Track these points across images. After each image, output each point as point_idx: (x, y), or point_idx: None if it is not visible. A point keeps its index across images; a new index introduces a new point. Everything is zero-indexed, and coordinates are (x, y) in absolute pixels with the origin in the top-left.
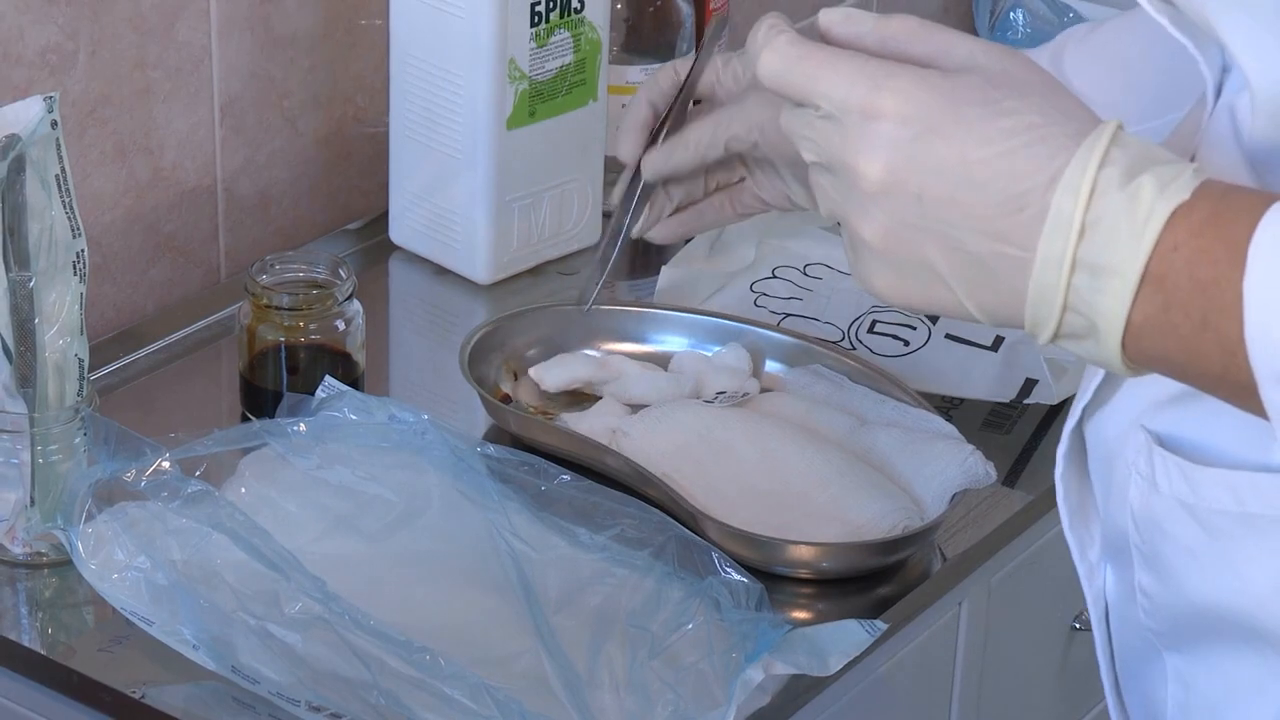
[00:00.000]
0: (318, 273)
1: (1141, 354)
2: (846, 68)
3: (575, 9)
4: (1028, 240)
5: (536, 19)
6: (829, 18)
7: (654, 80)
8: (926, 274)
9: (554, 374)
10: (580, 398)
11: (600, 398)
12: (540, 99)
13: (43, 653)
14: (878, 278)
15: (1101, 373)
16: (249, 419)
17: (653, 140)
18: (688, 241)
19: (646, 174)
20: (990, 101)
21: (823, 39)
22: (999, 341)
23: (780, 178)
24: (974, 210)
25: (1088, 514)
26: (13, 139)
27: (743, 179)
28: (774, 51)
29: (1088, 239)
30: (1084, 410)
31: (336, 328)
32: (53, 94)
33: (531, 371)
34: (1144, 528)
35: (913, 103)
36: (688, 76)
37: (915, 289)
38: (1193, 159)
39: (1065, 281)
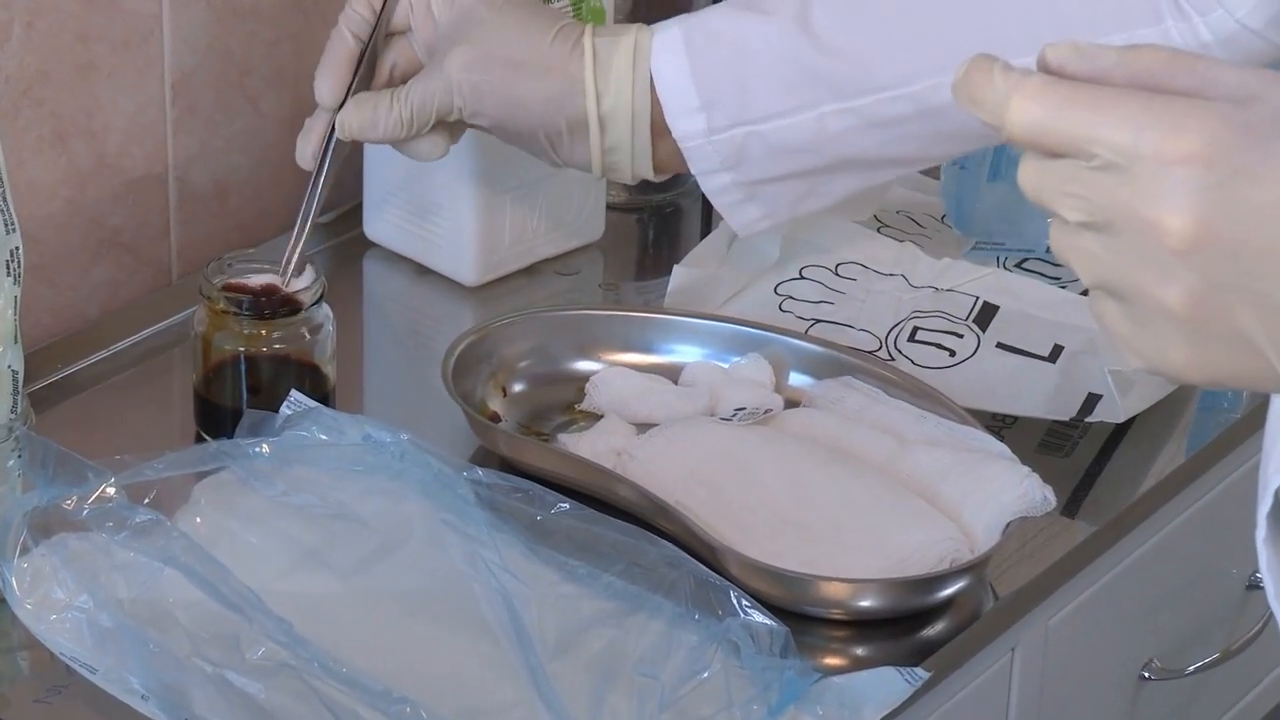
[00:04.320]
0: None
1: None
2: (1130, 107)
3: None
4: None
5: None
6: (1059, 54)
7: (351, 8)
8: (1239, 343)
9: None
10: (579, 415)
11: (601, 415)
12: None
13: None
14: (1176, 351)
15: None
16: (205, 439)
17: (353, 77)
18: (702, 238)
19: (342, 135)
20: None
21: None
22: (1058, 351)
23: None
24: None
25: None
26: None
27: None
28: (1029, 98)
29: None
30: None
31: (303, 336)
32: None
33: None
34: None
35: (1217, 143)
36: (383, 6)
37: (1224, 361)
38: None
39: None
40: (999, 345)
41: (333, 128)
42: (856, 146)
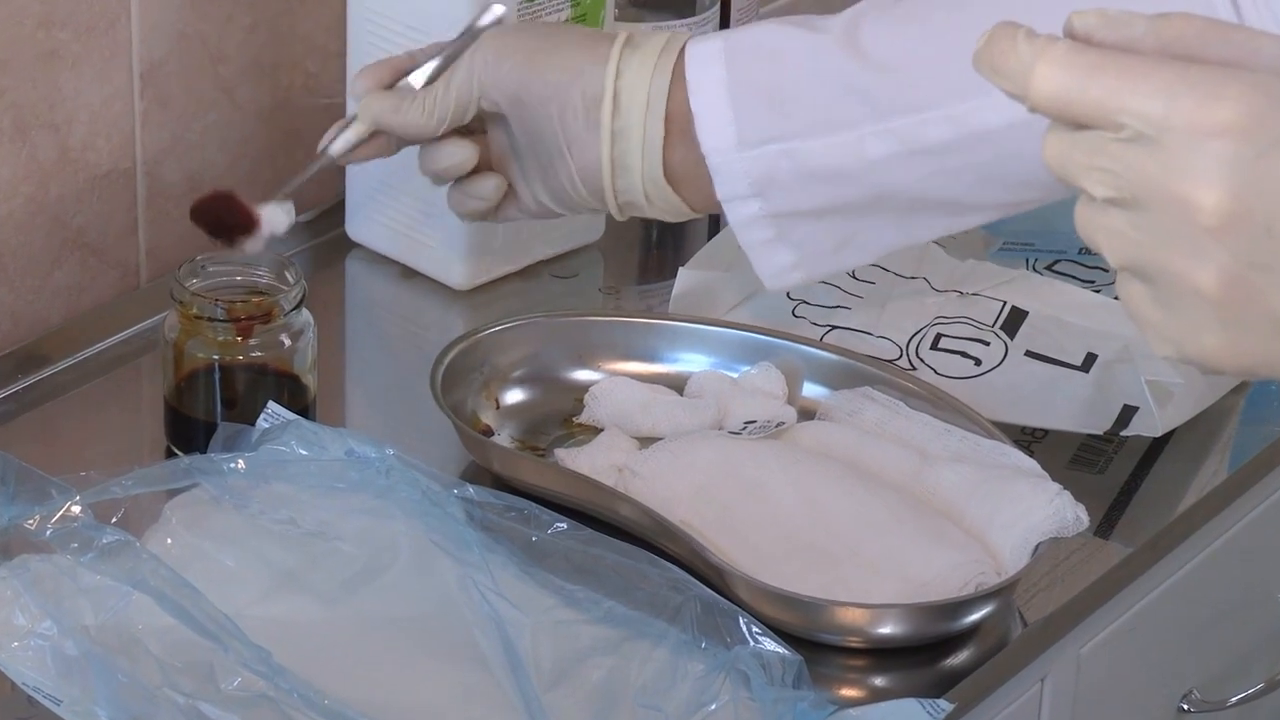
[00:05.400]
0: (259, 276)
1: None
2: (1163, 75)
3: None
4: None
5: None
6: (1085, 21)
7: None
8: (1271, 327)
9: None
10: (578, 429)
11: (601, 428)
12: None
13: None
14: (1209, 336)
15: None
16: (176, 454)
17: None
18: (710, 239)
19: (362, 120)
20: None
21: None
22: (1091, 360)
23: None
24: None
25: None
26: None
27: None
28: (1054, 63)
29: None
30: None
31: (282, 343)
32: None
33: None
34: None
35: (1255, 114)
36: (449, 50)
37: (1258, 347)
38: None
39: None
40: (1028, 353)
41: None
42: (897, 178)
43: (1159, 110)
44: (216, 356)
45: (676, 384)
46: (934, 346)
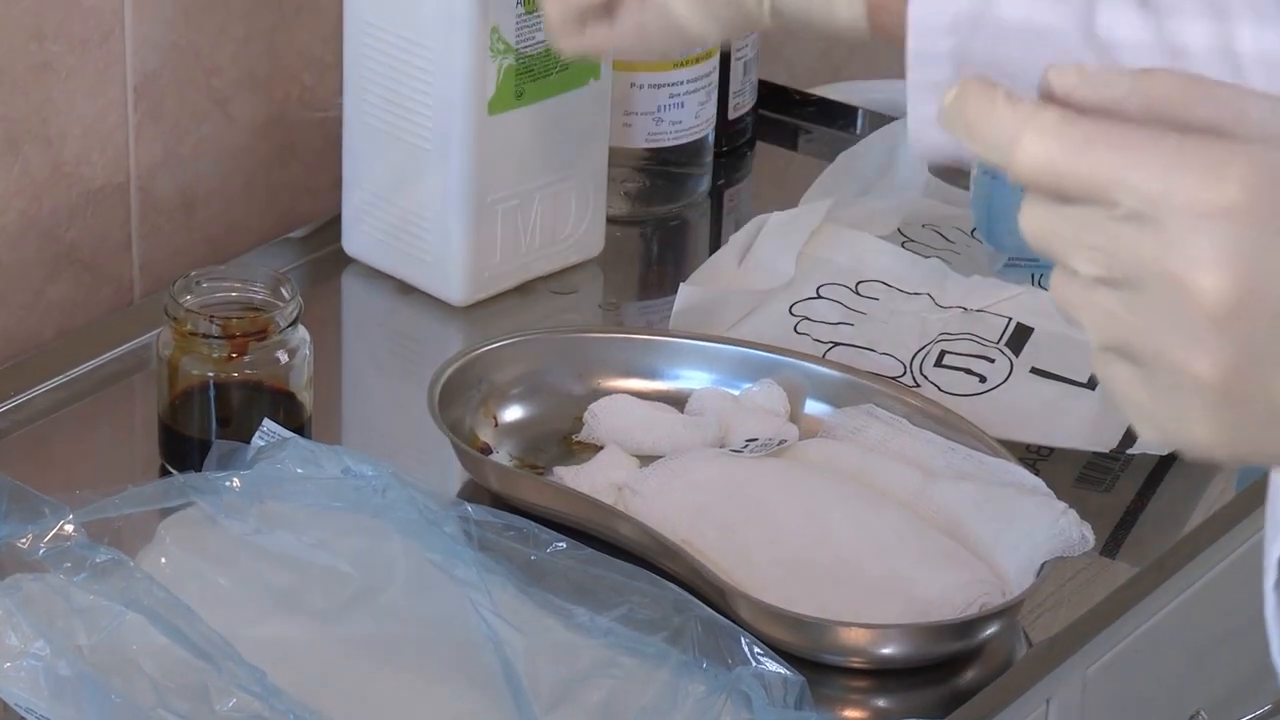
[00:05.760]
0: (254, 292)
1: None
2: (1162, 149)
3: None
4: None
5: None
6: (1064, 79)
7: None
8: (1270, 417)
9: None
10: (577, 446)
11: (601, 446)
12: (529, 77)
13: None
14: (1202, 426)
15: None
16: (170, 472)
17: None
18: (711, 254)
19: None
20: None
21: (1049, 100)
22: (1096, 377)
23: None
24: None
25: None
26: None
27: None
28: (1044, 134)
29: None
30: None
31: (278, 360)
32: None
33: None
34: None
35: (1260, 193)
36: None
37: (1256, 436)
38: None
39: None
40: (1033, 370)
41: None
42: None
43: (1158, 188)
44: (211, 373)
45: (677, 401)
46: (938, 363)
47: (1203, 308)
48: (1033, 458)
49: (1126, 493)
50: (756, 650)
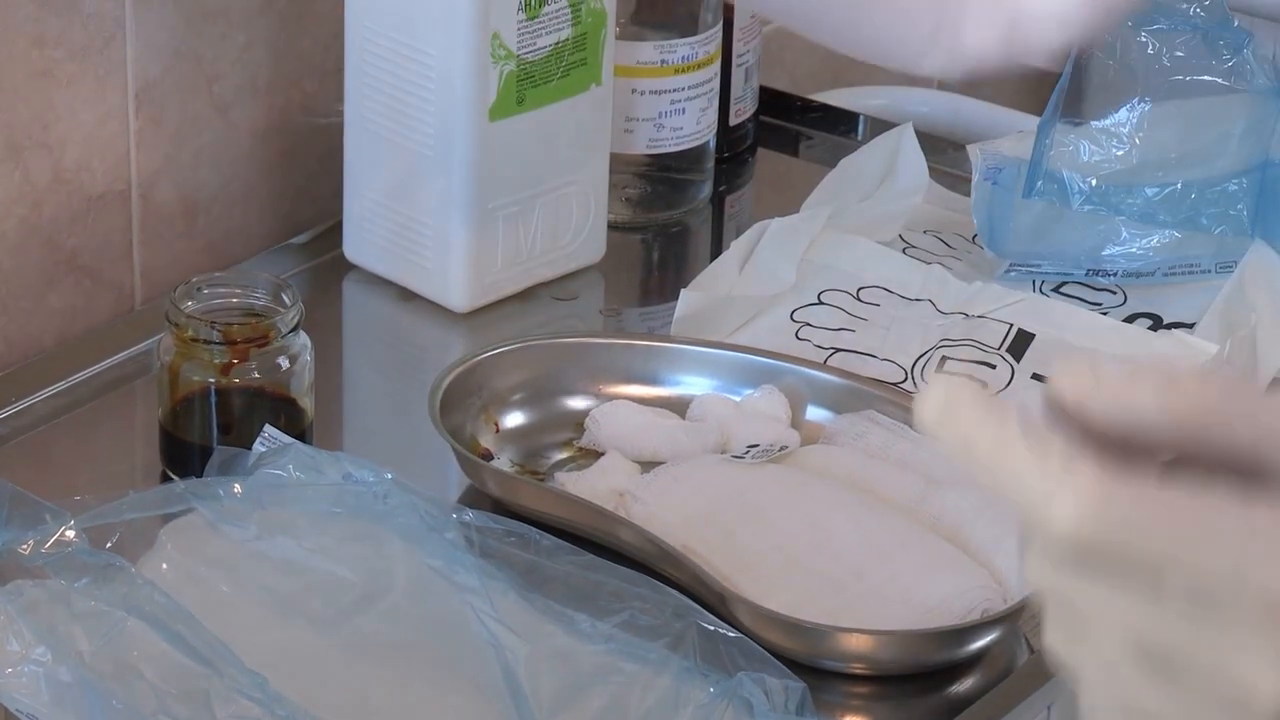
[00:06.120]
0: (255, 298)
1: None
2: (1227, 520)
3: None
4: None
5: None
6: (1076, 387)
7: None
8: None
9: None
10: (578, 453)
11: (602, 452)
12: (531, 83)
13: None
14: None
15: None
16: (171, 479)
17: None
18: (712, 260)
19: None
20: None
21: (1060, 414)
22: None
23: None
24: None
25: None
26: None
27: None
28: (1084, 496)
29: None
30: None
31: (279, 366)
32: None
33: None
34: None
35: None
36: None
37: None
38: None
39: None
40: (1034, 376)
41: None
42: None
43: (1226, 568)
44: (212, 380)
45: (678, 407)
46: (939, 369)
47: (1257, 715)
48: None
49: None
50: (758, 657)
